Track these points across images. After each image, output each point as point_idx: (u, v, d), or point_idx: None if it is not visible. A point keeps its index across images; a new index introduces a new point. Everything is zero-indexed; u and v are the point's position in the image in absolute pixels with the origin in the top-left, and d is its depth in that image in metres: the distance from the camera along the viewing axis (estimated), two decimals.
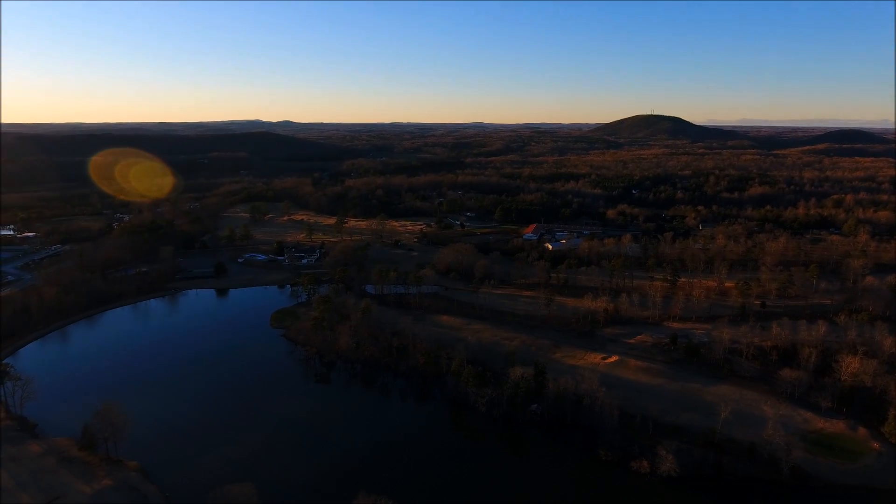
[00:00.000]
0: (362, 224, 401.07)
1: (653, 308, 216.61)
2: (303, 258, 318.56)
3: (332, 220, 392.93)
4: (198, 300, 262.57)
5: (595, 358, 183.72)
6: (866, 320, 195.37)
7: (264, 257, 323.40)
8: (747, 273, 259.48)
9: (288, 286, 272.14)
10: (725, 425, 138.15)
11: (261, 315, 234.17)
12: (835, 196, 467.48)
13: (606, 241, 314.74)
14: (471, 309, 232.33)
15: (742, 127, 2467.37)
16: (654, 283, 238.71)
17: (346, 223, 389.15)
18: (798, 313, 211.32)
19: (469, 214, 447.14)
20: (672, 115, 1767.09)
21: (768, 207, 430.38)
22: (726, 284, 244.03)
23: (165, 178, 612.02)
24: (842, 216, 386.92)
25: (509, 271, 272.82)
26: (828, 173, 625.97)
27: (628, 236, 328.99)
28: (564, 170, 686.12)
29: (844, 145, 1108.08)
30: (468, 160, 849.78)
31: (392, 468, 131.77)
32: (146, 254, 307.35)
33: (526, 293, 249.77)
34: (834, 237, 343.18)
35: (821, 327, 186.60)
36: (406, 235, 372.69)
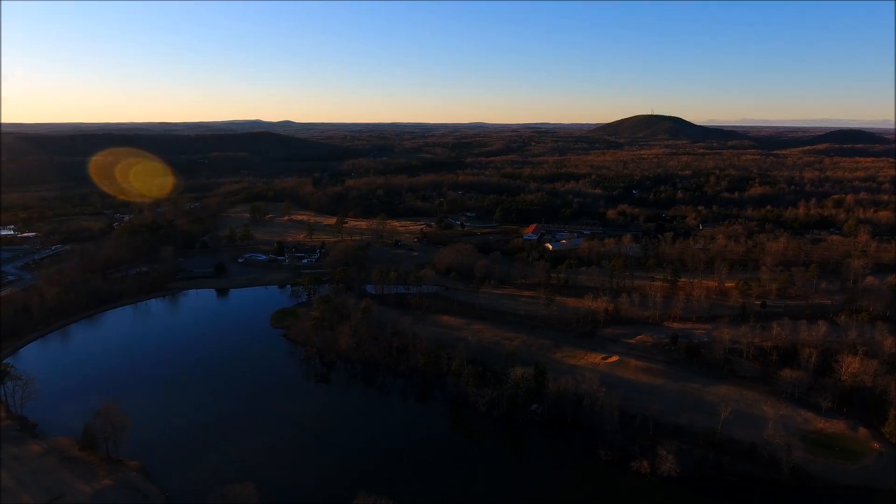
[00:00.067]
0: (363, 224, 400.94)
1: (653, 308, 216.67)
2: (303, 258, 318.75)
3: (333, 220, 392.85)
4: (198, 300, 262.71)
5: (595, 358, 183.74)
6: (867, 320, 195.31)
7: (265, 257, 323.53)
8: (748, 273, 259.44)
9: (288, 286, 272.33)
10: (726, 425, 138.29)
11: (261, 315, 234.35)
12: (835, 196, 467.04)
13: (607, 241, 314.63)
14: (471, 309, 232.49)
15: (742, 127, 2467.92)
16: (655, 284, 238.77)
17: (347, 223, 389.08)
18: (798, 313, 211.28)
19: (469, 214, 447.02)
20: (672, 115, 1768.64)
21: (769, 207, 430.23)
22: (727, 284, 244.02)
23: (166, 178, 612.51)
24: (842, 216, 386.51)
25: (509, 271, 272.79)
26: (828, 173, 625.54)
27: (628, 236, 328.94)
28: (565, 170, 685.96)
29: (845, 145, 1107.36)
30: (468, 160, 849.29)
31: (392, 468, 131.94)
32: (147, 254, 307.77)
33: (526, 293, 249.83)
34: (834, 237, 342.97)
35: (821, 327, 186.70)
36: (406, 235, 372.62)
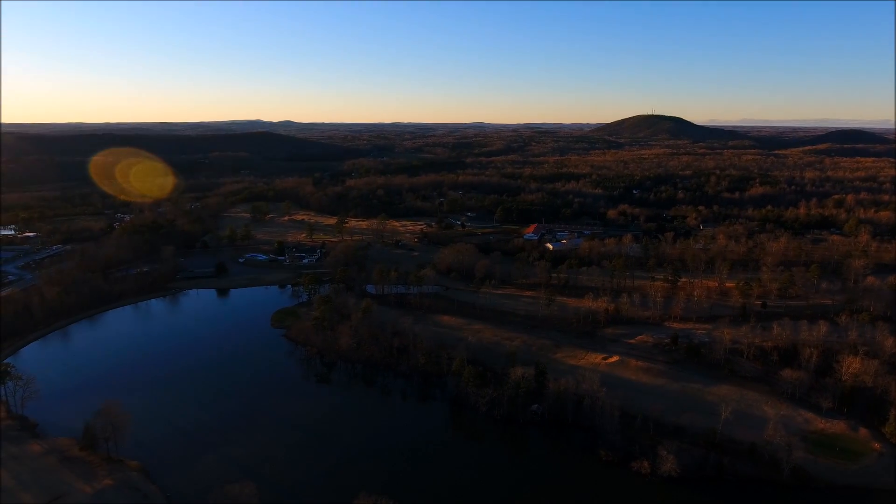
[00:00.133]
0: (363, 224, 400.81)
1: (654, 308, 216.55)
2: (304, 258, 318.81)
3: (333, 220, 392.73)
4: (199, 300, 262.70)
5: (596, 358, 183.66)
6: (867, 321, 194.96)
7: (265, 257, 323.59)
8: (748, 273, 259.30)
9: (289, 286, 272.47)
10: (726, 426, 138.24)
11: (262, 315, 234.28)
12: (836, 196, 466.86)
13: (607, 242, 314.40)
14: (471, 309, 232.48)
15: (743, 127, 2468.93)
16: (655, 284, 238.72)
17: (347, 223, 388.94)
18: (799, 313, 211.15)
19: (470, 214, 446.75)
20: (673, 115, 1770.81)
21: (769, 207, 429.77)
22: (727, 284, 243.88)
23: (166, 178, 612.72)
24: (843, 216, 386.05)
25: (510, 271, 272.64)
26: (829, 173, 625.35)
27: (629, 236, 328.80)
28: (565, 170, 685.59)
29: (845, 145, 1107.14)
30: (469, 160, 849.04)
31: (393, 468, 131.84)
32: (147, 253, 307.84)
33: (527, 293, 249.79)
34: (835, 237, 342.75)
35: (822, 327, 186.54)
36: (407, 235, 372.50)
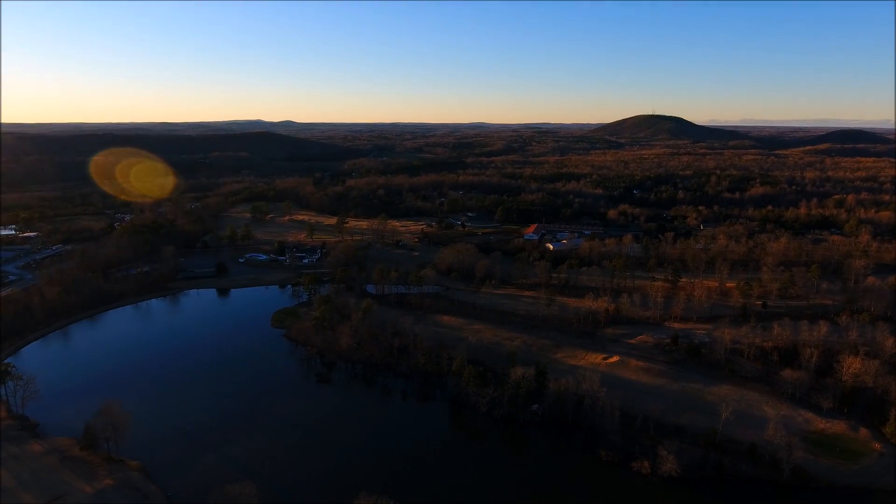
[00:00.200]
0: (363, 224, 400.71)
1: (654, 308, 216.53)
2: (304, 258, 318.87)
3: (334, 220, 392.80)
4: (199, 300, 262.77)
5: (596, 358, 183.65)
6: (868, 321, 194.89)
7: (265, 257, 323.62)
8: (749, 273, 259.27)
9: (289, 286, 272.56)
10: (726, 426, 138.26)
11: (262, 315, 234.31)
12: (836, 196, 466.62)
13: (607, 242, 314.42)
14: (472, 309, 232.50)
15: (744, 127, 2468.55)
16: (656, 284, 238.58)
17: (347, 223, 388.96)
18: (799, 314, 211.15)
19: (470, 214, 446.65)
20: (674, 115, 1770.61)
21: (770, 207, 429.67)
22: (727, 285, 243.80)
23: (167, 178, 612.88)
24: (843, 216, 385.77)
25: (510, 271, 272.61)
26: (829, 173, 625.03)
27: (629, 236, 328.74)
28: (566, 170, 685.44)
29: (846, 145, 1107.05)
30: (469, 160, 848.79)
31: (393, 468, 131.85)
32: (147, 253, 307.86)
33: (527, 293, 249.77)
34: (835, 237, 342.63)
35: (822, 328, 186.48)
36: (407, 235, 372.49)
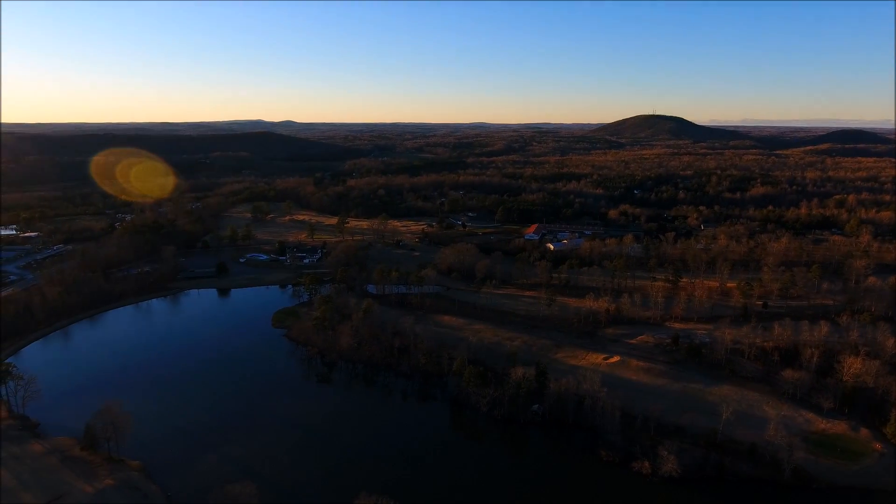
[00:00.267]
0: (364, 224, 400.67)
1: (654, 308, 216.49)
2: (304, 258, 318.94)
3: (334, 220, 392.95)
4: (199, 300, 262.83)
5: (597, 358, 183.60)
6: (868, 321, 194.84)
7: (266, 257, 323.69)
8: (749, 273, 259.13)
9: (290, 286, 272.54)
10: (727, 426, 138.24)
11: (262, 315, 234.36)
12: (837, 196, 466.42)
13: (608, 242, 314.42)
14: (472, 309, 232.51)
15: (744, 127, 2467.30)
16: (656, 284, 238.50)
17: (348, 223, 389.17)
18: (800, 314, 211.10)
19: (471, 214, 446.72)
20: (674, 115, 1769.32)
21: (770, 208, 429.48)
22: (728, 285, 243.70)
23: (167, 178, 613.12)
24: (844, 216, 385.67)
25: (511, 271, 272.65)
26: (830, 173, 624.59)
27: (630, 236, 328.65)
28: (566, 170, 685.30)
29: (847, 145, 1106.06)
30: (470, 160, 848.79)
31: (393, 468, 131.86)
32: (148, 253, 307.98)
33: (527, 293, 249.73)
34: (836, 237, 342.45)
35: (823, 328, 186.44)
36: (408, 235, 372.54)
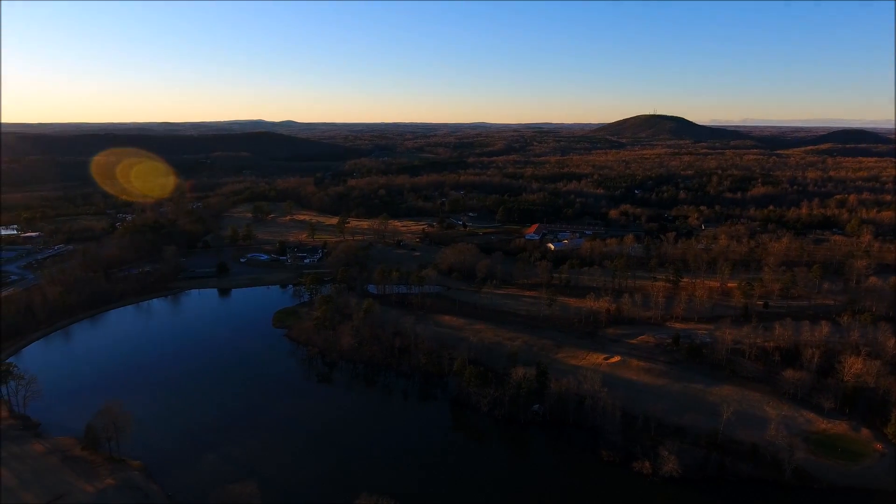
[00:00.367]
0: (364, 224, 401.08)
1: (655, 308, 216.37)
2: (305, 258, 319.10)
3: (335, 220, 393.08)
4: (200, 300, 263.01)
5: (597, 358, 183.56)
6: (869, 321, 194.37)
7: (267, 257, 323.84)
8: (750, 273, 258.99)
9: (290, 286, 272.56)
10: (728, 426, 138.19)
11: (263, 315, 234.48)
12: (838, 196, 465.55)
13: (609, 242, 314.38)
14: (473, 309, 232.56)
15: (745, 127, 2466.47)
16: (657, 284, 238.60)
17: (349, 223, 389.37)
18: (801, 314, 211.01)
19: (471, 214, 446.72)
20: (675, 115, 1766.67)
21: (771, 207, 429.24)
22: (729, 285, 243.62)
23: (168, 178, 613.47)
24: (845, 216, 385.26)
25: (511, 271, 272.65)
26: (831, 173, 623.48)
27: (631, 236, 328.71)
28: (567, 170, 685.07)
29: (848, 145, 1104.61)
30: (470, 160, 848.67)
31: (394, 468, 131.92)
32: (149, 253, 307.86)
33: (528, 293, 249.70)
34: (837, 237, 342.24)
35: (824, 328, 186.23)
36: (408, 235, 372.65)
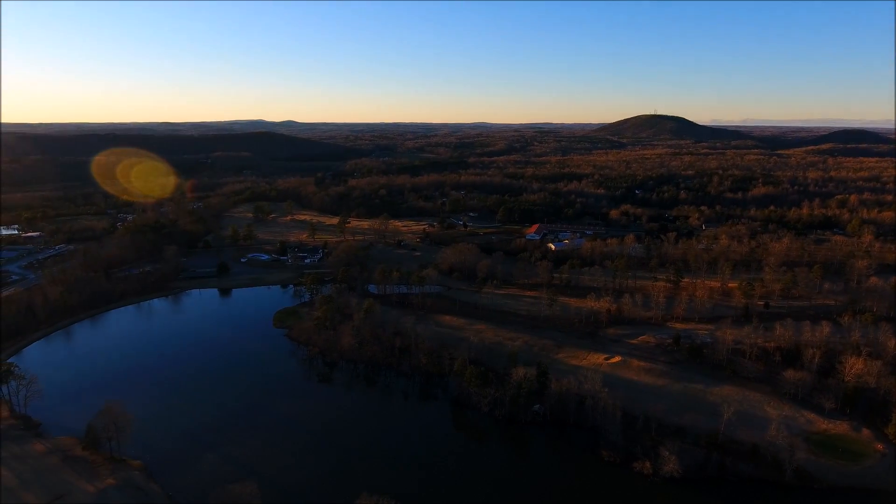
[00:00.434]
0: (365, 224, 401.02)
1: (656, 308, 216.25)
2: (306, 258, 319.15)
3: (335, 220, 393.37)
4: (201, 300, 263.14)
5: (598, 358, 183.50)
6: (870, 321, 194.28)
7: (267, 257, 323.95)
8: (751, 273, 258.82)
9: (291, 286, 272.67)
10: (728, 426, 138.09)
11: (263, 315, 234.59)
12: (839, 196, 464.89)
13: (609, 242, 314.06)
14: (473, 309, 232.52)
15: (746, 127, 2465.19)
16: (658, 284, 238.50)
17: (349, 223, 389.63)
18: (802, 314, 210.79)
19: (472, 214, 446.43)
20: (676, 115, 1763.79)
21: (772, 207, 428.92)
22: (730, 285, 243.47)
23: (169, 178, 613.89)
24: (846, 216, 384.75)
25: (512, 271, 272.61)
26: (832, 173, 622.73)
27: (631, 236, 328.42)
28: (567, 170, 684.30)
29: (848, 145, 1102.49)
30: (471, 160, 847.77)
31: (394, 468, 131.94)
32: (150, 253, 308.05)
33: (529, 293, 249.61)
34: (838, 237, 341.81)
35: (824, 328, 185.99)
36: (409, 235, 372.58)
